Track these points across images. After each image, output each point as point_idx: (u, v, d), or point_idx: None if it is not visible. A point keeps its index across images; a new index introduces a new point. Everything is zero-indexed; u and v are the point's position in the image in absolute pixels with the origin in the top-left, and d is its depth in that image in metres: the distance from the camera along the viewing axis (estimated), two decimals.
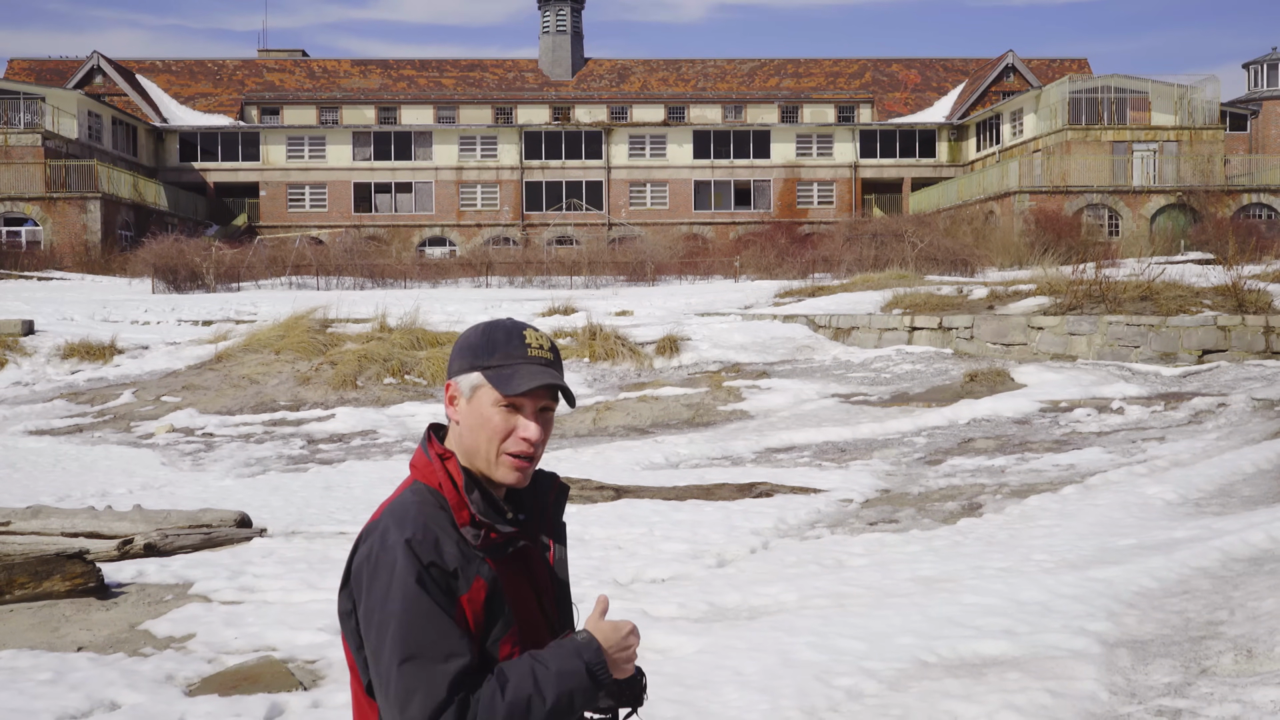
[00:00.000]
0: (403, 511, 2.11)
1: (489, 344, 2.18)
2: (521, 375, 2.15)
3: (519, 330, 2.20)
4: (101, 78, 57.92)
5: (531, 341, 2.18)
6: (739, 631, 6.53)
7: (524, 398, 2.15)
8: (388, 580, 2.03)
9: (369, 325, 21.92)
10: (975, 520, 9.56)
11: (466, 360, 2.19)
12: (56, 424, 16.85)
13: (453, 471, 2.18)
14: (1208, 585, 7.11)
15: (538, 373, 2.16)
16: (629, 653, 2.19)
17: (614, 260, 40.14)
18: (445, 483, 2.17)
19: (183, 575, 8.18)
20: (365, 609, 2.06)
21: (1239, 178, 50.60)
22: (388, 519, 2.11)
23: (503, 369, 2.15)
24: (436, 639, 2.01)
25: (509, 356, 2.16)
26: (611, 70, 65.37)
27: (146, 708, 5.55)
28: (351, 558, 2.14)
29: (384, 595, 2.03)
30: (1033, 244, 36.95)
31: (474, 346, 2.19)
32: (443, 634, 2.01)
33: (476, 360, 2.18)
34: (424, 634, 2.00)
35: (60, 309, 26.56)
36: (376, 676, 2.04)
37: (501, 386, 2.14)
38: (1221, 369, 17.91)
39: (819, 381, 18.53)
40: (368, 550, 2.09)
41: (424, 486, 2.18)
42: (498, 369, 2.16)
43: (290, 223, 57.44)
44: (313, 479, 12.68)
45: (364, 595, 2.07)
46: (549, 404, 2.20)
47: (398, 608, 2.01)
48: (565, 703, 2.05)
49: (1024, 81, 59.46)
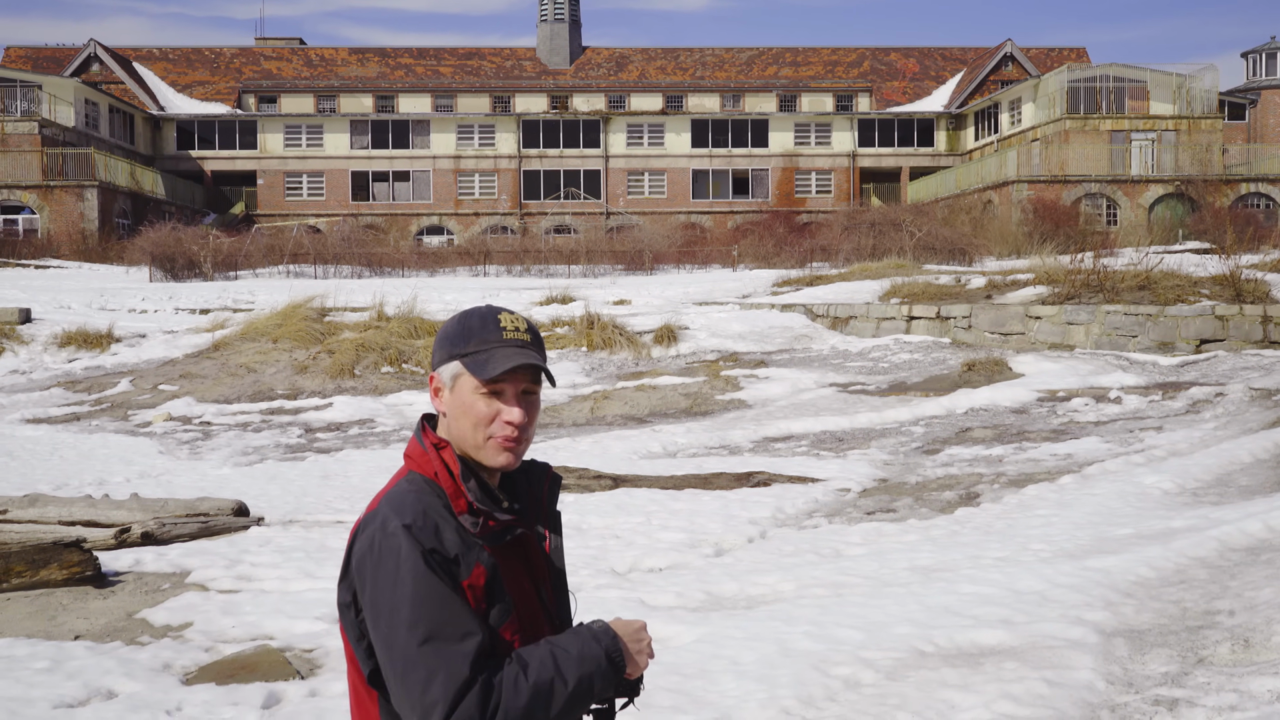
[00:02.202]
0: (400, 500, 2.10)
1: (464, 331, 2.18)
2: (497, 358, 2.14)
3: (494, 315, 2.19)
4: (98, 65, 57.76)
5: (507, 325, 2.18)
6: (736, 621, 6.53)
7: (503, 382, 2.15)
8: (394, 567, 2.02)
9: (367, 314, 21.90)
10: (973, 510, 9.56)
11: (445, 350, 2.19)
12: (54, 412, 16.83)
13: (448, 460, 2.17)
14: (1205, 575, 7.11)
15: (513, 354, 2.15)
16: (643, 645, 2.20)
17: (612, 249, 40.11)
18: (441, 471, 2.16)
19: (180, 564, 8.18)
20: (371, 597, 2.04)
21: (1237, 167, 50.56)
22: (386, 508, 2.10)
23: (479, 354, 2.15)
24: (451, 619, 2.00)
25: (485, 342, 2.16)
26: (609, 59, 65.23)
27: (144, 696, 5.55)
28: (350, 549, 2.12)
29: (392, 581, 2.01)
30: (1031, 233, 36.94)
31: (451, 336, 2.19)
32: (456, 614, 2.01)
33: (454, 349, 2.17)
34: (438, 615, 1.99)
35: (57, 297, 26.52)
36: (390, 664, 2.01)
37: (478, 372, 2.13)
38: (1219, 358, 17.92)
39: (817, 371, 18.53)
40: (368, 540, 2.07)
41: (419, 476, 2.17)
42: (474, 355, 2.15)
43: (288, 211, 57.35)
44: (310, 468, 12.68)
45: (368, 584, 2.05)
46: (530, 386, 2.19)
47: (408, 591, 2.00)
48: (585, 687, 2.06)
49: (1022, 70, 59.38)
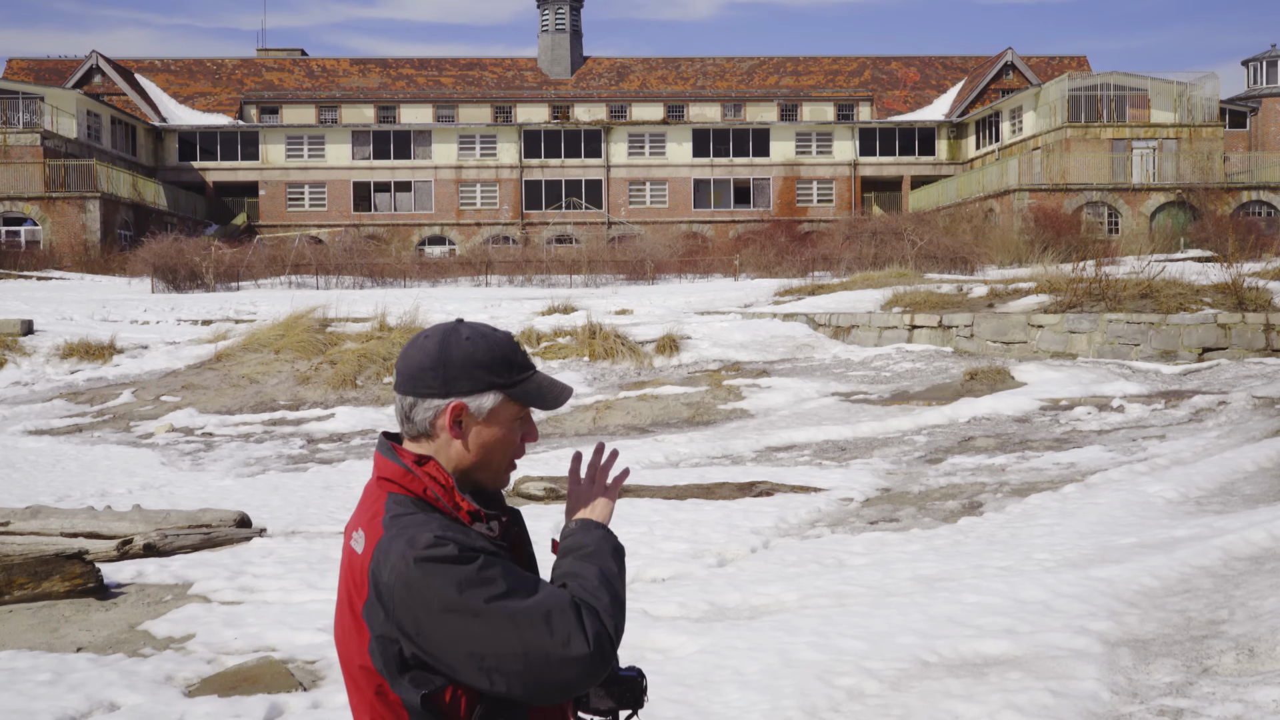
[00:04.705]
0: (410, 520, 2.04)
1: (505, 360, 2.15)
2: (547, 386, 2.19)
3: (509, 341, 2.19)
4: (100, 77, 57.91)
5: (524, 349, 2.24)
6: (740, 631, 6.52)
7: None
8: (450, 574, 1.96)
9: (368, 324, 21.90)
10: (976, 519, 9.55)
11: (483, 378, 2.12)
12: (56, 424, 16.83)
13: (437, 475, 2.12)
14: (1209, 584, 7.09)
15: (553, 381, 2.21)
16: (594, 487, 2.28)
17: (613, 259, 40.12)
18: (432, 487, 2.11)
19: (182, 575, 8.16)
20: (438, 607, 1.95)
21: (1238, 175, 50.58)
22: (400, 531, 2.02)
23: (526, 384, 2.17)
24: (522, 576, 2.02)
25: (524, 369, 2.18)
26: (611, 69, 65.35)
27: (146, 708, 5.54)
28: (375, 581, 2.02)
29: (451, 583, 1.95)
30: (1032, 242, 36.93)
31: (485, 364, 2.13)
32: (516, 572, 2.03)
33: (496, 378, 2.13)
34: (510, 577, 2.00)
35: (59, 309, 26.53)
36: (493, 649, 1.94)
37: (539, 401, 2.17)
38: (1222, 367, 17.90)
39: (819, 380, 18.51)
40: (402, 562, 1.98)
41: (405, 497, 2.10)
42: (522, 385, 2.17)
43: (289, 222, 57.41)
44: (312, 478, 12.67)
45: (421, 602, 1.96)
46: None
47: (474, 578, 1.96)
48: (619, 563, 2.17)
49: (1023, 79, 59.44)
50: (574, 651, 1.95)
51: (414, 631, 1.97)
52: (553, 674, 1.96)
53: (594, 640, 1.98)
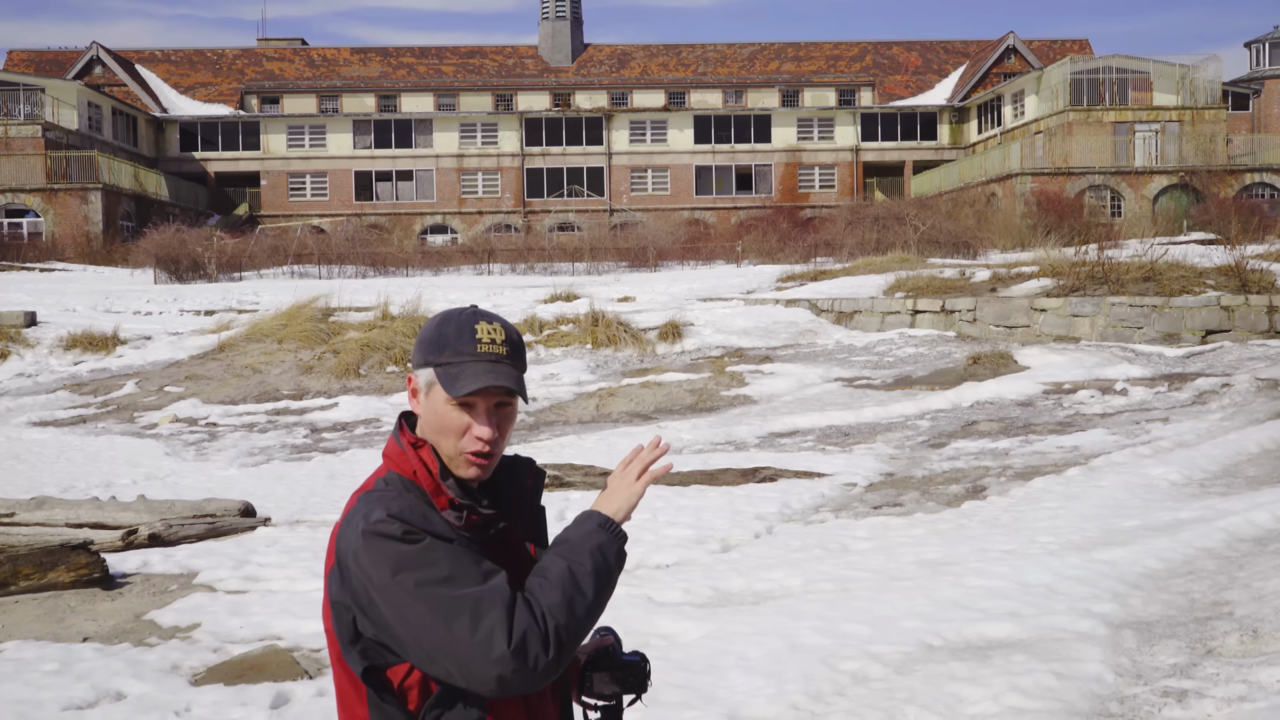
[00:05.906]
0: (380, 496, 2.08)
1: (440, 340, 2.14)
2: (468, 375, 2.10)
3: (470, 325, 2.14)
4: (101, 68, 57.84)
5: (483, 336, 2.13)
6: (744, 616, 6.53)
7: (475, 396, 2.11)
8: (392, 547, 1.98)
9: (371, 313, 21.91)
10: (979, 503, 9.55)
11: (421, 355, 2.16)
12: (60, 415, 16.86)
13: (426, 459, 2.13)
14: (1213, 566, 7.10)
15: (484, 372, 2.10)
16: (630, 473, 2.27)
17: (616, 246, 40.11)
18: (420, 470, 2.13)
19: (187, 565, 8.18)
20: (377, 583, 1.98)
21: (1241, 157, 50.44)
22: (364, 505, 2.06)
23: (451, 367, 2.11)
24: (470, 564, 2.00)
25: (458, 354, 2.11)
26: (611, 56, 65.20)
27: (152, 697, 5.56)
28: (337, 548, 2.07)
29: (394, 560, 1.98)
30: (1035, 226, 36.88)
31: (427, 341, 2.15)
32: (472, 561, 2.00)
33: (429, 356, 2.14)
34: (457, 564, 1.98)
35: (62, 300, 26.55)
36: (421, 631, 1.96)
37: (449, 387, 2.10)
38: (1225, 349, 17.88)
39: (822, 365, 18.51)
40: (356, 534, 2.02)
41: (396, 476, 2.14)
42: (446, 367, 2.11)
43: (291, 212, 57.41)
44: (316, 468, 12.69)
45: (369, 574, 1.99)
46: (505, 399, 2.16)
47: (414, 559, 1.97)
48: (600, 560, 2.09)
49: (1025, 63, 59.26)
50: (493, 649, 1.92)
51: (365, 602, 2.01)
52: (479, 668, 1.94)
53: (517, 639, 1.93)
